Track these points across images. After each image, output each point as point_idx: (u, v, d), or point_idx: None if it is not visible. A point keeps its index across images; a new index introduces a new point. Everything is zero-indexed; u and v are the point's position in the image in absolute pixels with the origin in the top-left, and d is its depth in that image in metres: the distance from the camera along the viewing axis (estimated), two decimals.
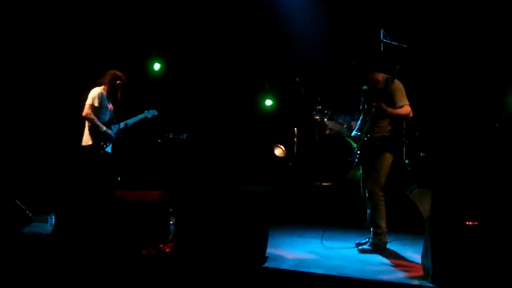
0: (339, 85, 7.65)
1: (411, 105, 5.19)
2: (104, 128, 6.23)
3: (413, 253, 5.09)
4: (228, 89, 9.27)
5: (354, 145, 5.56)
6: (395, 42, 7.45)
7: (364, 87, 5.48)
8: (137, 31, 8.93)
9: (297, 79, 8.06)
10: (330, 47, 8.31)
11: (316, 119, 7.91)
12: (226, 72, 9.29)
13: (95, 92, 6.24)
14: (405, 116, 5.22)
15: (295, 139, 8.74)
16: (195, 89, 9.32)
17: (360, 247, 5.30)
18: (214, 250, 4.61)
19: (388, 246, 5.42)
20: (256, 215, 4.81)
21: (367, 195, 5.32)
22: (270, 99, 9.17)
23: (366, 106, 5.43)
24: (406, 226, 6.25)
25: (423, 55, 7.81)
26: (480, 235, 3.98)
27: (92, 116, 6.15)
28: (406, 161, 7.44)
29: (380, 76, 5.35)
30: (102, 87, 6.31)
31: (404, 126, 7.39)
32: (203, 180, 8.34)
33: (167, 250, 4.79)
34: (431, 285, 3.96)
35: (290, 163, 8.76)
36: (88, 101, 6.17)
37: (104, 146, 6.29)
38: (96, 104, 6.17)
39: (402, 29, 7.69)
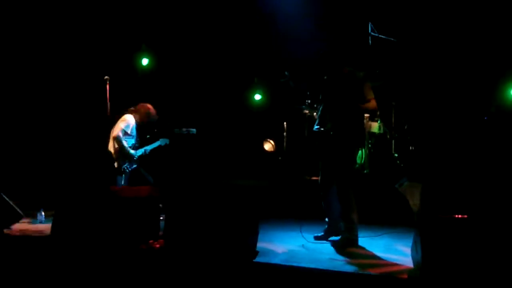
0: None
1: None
2: (131, 151, 6.68)
3: (403, 247, 5.10)
4: (217, 83, 9.23)
5: None
6: (384, 36, 7.51)
7: (325, 77, 5.49)
8: (125, 25, 8.86)
9: (286, 73, 8.05)
10: (319, 41, 8.30)
11: (306, 113, 7.93)
12: (215, 66, 9.25)
13: (131, 121, 6.69)
14: (372, 110, 5.40)
15: (285, 133, 8.74)
16: (183, 84, 9.27)
17: (331, 238, 5.29)
18: (205, 245, 4.61)
19: (378, 239, 5.44)
20: (246, 209, 4.81)
21: (330, 190, 5.35)
22: (259, 94, 9.14)
23: (326, 98, 5.44)
24: (395, 220, 6.26)
25: (411, 48, 7.84)
26: (469, 228, 4.00)
27: (122, 138, 6.56)
28: (395, 154, 7.47)
29: (347, 70, 5.38)
30: (136, 115, 6.75)
31: (393, 120, 7.46)
32: (193, 175, 8.32)
33: (157, 246, 4.78)
34: (420, 278, 3.97)
35: (280, 158, 8.76)
36: (122, 125, 6.60)
37: (127, 170, 6.67)
38: (128, 131, 6.65)
39: (391, 23, 7.74)
